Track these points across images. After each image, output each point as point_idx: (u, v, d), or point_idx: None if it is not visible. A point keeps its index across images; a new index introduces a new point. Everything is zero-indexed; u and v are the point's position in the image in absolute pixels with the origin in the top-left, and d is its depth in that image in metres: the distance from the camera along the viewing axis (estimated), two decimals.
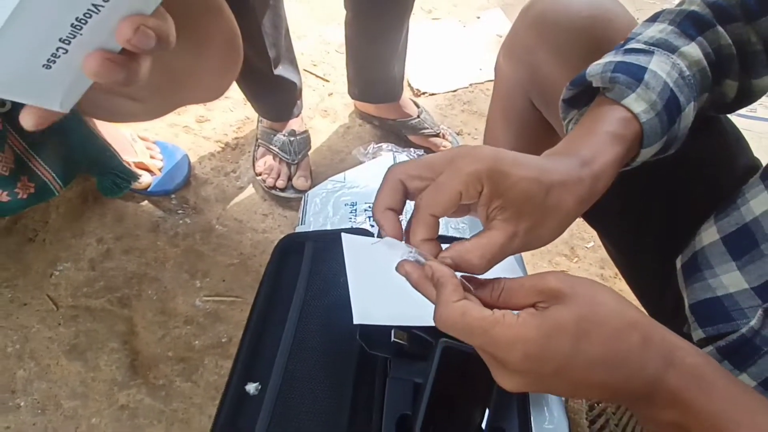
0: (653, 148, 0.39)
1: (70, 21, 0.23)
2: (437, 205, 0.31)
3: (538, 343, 0.27)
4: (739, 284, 0.42)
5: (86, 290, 0.82)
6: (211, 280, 0.88)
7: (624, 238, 0.59)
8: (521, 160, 0.33)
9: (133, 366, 0.75)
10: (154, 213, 0.95)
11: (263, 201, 1.02)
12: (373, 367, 0.45)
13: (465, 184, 0.31)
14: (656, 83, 0.38)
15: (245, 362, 0.49)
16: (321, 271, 0.53)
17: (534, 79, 0.58)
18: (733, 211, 0.44)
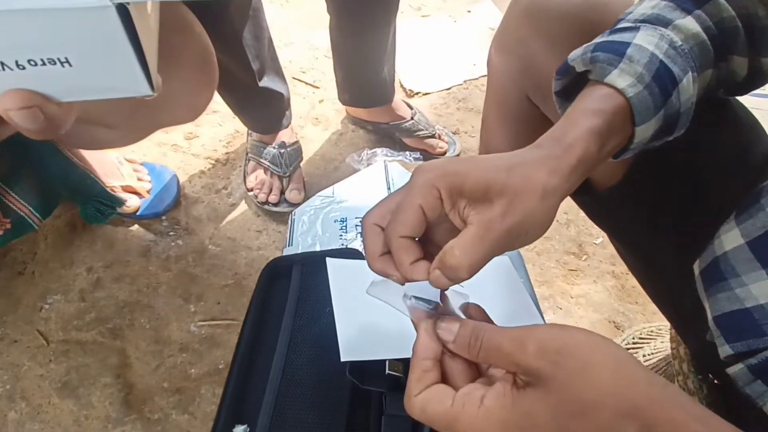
0: (650, 125, 0.35)
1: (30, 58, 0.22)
2: (403, 225, 0.30)
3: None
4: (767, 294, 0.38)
5: (77, 323, 0.79)
6: (206, 304, 0.85)
7: (635, 240, 0.55)
8: (475, 157, 0.31)
9: (127, 401, 0.72)
10: (144, 237, 0.92)
11: (256, 217, 0.99)
12: (367, 404, 0.42)
13: (422, 196, 0.30)
14: (641, 56, 0.34)
15: (232, 402, 0.45)
16: (310, 298, 0.50)
17: (529, 72, 0.54)
18: (757, 212, 0.39)
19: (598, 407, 0.23)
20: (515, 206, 0.30)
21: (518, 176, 0.30)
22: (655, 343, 0.78)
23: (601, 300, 0.92)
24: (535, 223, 0.31)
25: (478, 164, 0.30)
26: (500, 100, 0.65)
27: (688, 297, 0.48)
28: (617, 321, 0.89)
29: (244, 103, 0.94)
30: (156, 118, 0.62)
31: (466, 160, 0.31)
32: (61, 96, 0.25)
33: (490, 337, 0.27)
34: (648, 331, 0.82)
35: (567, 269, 0.98)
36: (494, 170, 0.30)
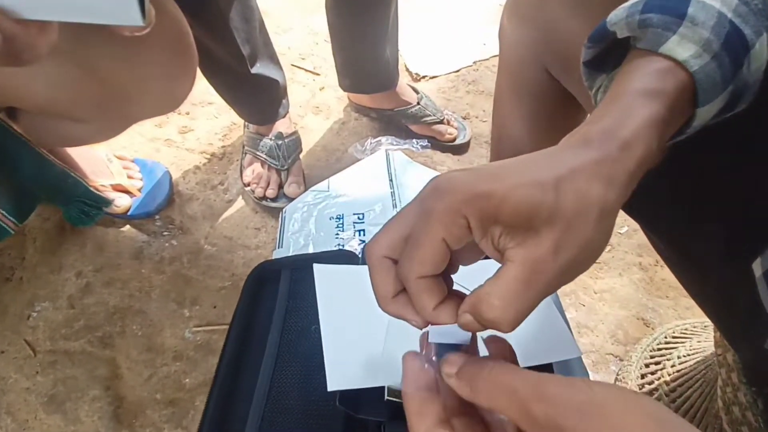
0: (715, 104, 0.27)
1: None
2: (421, 264, 0.24)
3: None
4: None
5: (65, 332, 0.74)
6: (202, 308, 0.80)
7: (676, 232, 0.47)
8: (503, 167, 0.24)
9: (117, 415, 0.68)
10: (137, 238, 0.87)
11: (254, 213, 0.93)
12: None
13: (444, 226, 0.23)
14: (706, 16, 0.26)
15: (212, 427, 0.40)
16: (299, 308, 0.44)
17: (548, 41, 0.47)
18: None
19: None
20: (570, 236, 0.23)
21: (570, 195, 0.23)
22: (690, 342, 0.71)
23: (628, 295, 0.85)
24: (593, 251, 0.24)
25: (514, 179, 0.23)
26: (515, 76, 0.57)
27: (742, 299, 0.41)
28: (646, 318, 0.82)
29: (236, 92, 0.88)
30: (130, 109, 0.56)
31: (497, 174, 0.23)
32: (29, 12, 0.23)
33: (499, 376, 0.21)
34: (682, 329, 0.75)
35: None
36: (538, 189, 0.23)
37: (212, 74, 0.83)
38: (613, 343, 0.79)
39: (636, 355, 0.72)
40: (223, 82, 0.85)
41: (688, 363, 0.66)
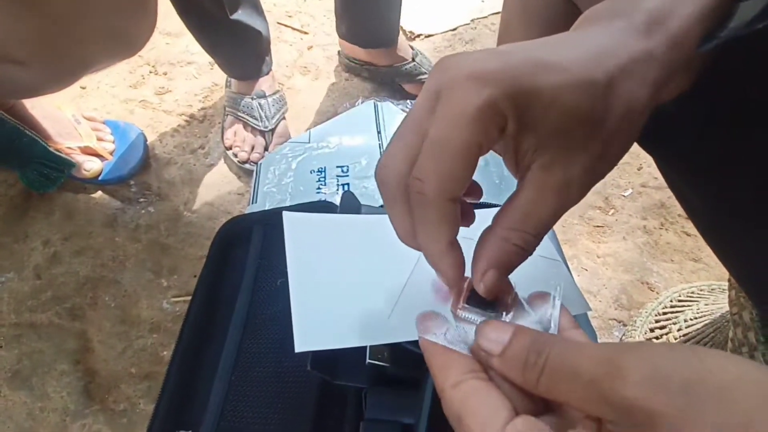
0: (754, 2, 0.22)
1: None
2: (455, 181, 0.18)
3: None
4: None
5: (31, 303, 0.69)
6: (180, 277, 0.75)
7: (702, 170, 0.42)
8: (552, 57, 0.19)
9: (88, 390, 0.63)
10: (109, 205, 0.81)
11: (237, 179, 0.87)
12: (341, 403, 0.31)
13: (483, 127, 0.18)
14: None
15: (172, 403, 0.35)
16: (272, 266, 0.39)
17: None
18: None
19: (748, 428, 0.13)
20: (609, 151, 0.19)
21: (621, 101, 0.19)
22: (698, 305, 0.67)
23: (632, 258, 0.80)
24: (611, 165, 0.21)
25: (565, 75, 0.18)
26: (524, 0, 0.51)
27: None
28: (651, 282, 0.77)
29: (214, 39, 0.81)
30: (80, 51, 0.50)
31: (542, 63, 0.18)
32: None
33: (560, 353, 0.16)
34: (688, 293, 0.71)
35: (592, 226, 0.85)
36: (591, 91, 0.18)
37: (187, 15, 0.76)
38: (616, 308, 0.75)
39: (641, 319, 0.68)
40: (197, 25, 0.78)
41: (696, 326, 0.62)
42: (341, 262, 0.30)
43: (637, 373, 0.14)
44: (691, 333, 0.63)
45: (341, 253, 0.31)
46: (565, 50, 0.19)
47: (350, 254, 0.30)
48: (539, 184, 0.19)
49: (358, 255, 0.30)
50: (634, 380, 0.14)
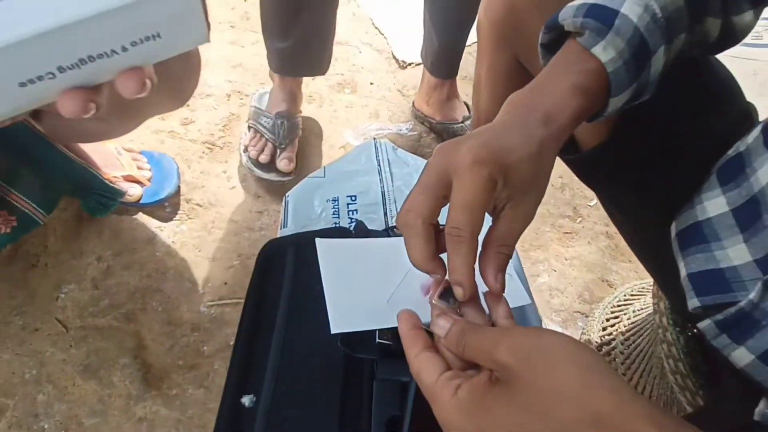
0: (622, 97, 0.36)
1: (82, 55, 0.24)
2: (479, 221, 0.31)
3: (467, 429, 0.26)
4: (744, 257, 0.40)
5: (92, 310, 0.83)
6: (213, 285, 0.89)
7: (621, 198, 0.57)
8: (509, 143, 0.32)
9: (146, 379, 0.77)
10: (149, 224, 0.95)
11: (256, 199, 1.01)
12: (360, 370, 0.45)
13: (486, 190, 0.30)
14: (626, 28, 0.35)
15: (238, 375, 0.49)
16: (304, 276, 0.53)
17: (518, 34, 0.55)
18: (743, 181, 0.41)
19: (560, 409, 0.24)
20: (541, 191, 0.33)
21: (543, 166, 0.33)
22: (645, 299, 0.81)
23: (595, 260, 0.95)
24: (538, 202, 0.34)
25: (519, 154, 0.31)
26: (491, 64, 0.65)
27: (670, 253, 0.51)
28: (610, 279, 0.92)
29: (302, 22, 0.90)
30: (144, 108, 0.64)
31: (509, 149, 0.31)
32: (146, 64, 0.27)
33: (473, 336, 0.29)
34: (639, 288, 0.85)
35: (562, 232, 1.00)
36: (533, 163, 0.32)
37: None
38: (580, 302, 0.89)
39: (599, 311, 0.82)
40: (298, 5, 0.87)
41: (641, 316, 0.77)
42: (359, 271, 0.44)
43: (505, 345, 0.27)
44: (637, 321, 0.77)
45: (358, 265, 0.45)
46: (513, 138, 0.33)
47: (365, 266, 0.44)
48: (511, 217, 0.32)
49: (370, 266, 0.44)
50: (504, 350, 0.27)
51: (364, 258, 0.46)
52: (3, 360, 0.78)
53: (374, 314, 0.42)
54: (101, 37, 0.24)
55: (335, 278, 0.44)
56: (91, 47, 0.24)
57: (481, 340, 0.29)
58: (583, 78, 0.35)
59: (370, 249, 0.45)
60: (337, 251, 0.46)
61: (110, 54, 0.25)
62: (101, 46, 0.24)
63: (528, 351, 0.26)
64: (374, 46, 1.33)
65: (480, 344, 0.28)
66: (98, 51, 0.24)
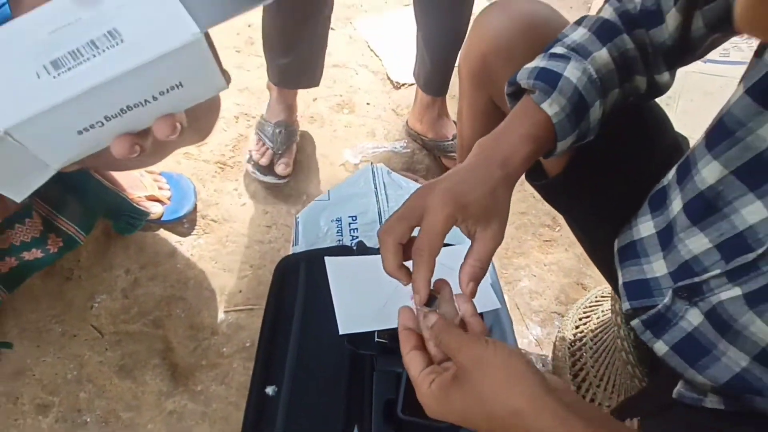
0: (567, 141, 0.47)
1: (122, 105, 0.30)
2: (438, 245, 0.41)
3: (437, 411, 0.36)
4: (662, 270, 0.51)
5: (123, 317, 0.94)
6: (230, 293, 0.99)
7: (578, 216, 0.68)
8: (468, 187, 0.43)
9: (174, 377, 0.88)
10: (170, 239, 1.06)
11: (264, 214, 1.12)
12: (362, 364, 0.55)
13: (446, 225, 0.41)
14: (568, 88, 0.46)
15: (263, 370, 0.59)
16: (314, 287, 0.63)
17: (491, 82, 0.66)
18: (664, 210, 0.52)
19: (491, 403, 0.33)
20: (502, 219, 0.44)
21: (499, 200, 0.43)
22: (613, 301, 0.91)
23: (571, 266, 1.05)
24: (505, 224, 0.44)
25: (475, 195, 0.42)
26: (470, 104, 0.77)
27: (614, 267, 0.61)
28: (584, 283, 1.02)
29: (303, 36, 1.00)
30: (173, 145, 0.75)
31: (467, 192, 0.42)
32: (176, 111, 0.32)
33: (447, 338, 0.39)
34: (609, 291, 0.96)
35: (542, 240, 1.10)
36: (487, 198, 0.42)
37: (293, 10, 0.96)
38: (557, 304, 1.00)
39: (572, 312, 0.93)
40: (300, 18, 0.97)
41: (608, 315, 0.87)
42: (361, 283, 0.54)
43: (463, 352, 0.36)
44: (605, 320, 0.87)
45: (360, 278, 0.55)
46: (474, 179, 0.43)
47: (365, 279, 0.55)
48: (482, 238, 0.42)
49: (370, 279, 0.55)
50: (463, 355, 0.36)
51: (364, 272, 0.56)
52: (47, 363, 0.89)
53: (373, 318, 0.53)
54: (134, 90, 0.29)
55: (341, 289, 0.54)
56: (127, 98, 0.30)
57: (450, 342, 0.39)
58: (535, 128, 0.46)
59: (370, 264, 0.55)
60: (342, 267, 0.57)
61: (144, 103, 0.30)
62: (135, 97, 0.30)
63: (478, 358, 0.35)
64: (370, 67, 1.43)
65: (449, 345, 0.39)
66: (134, 101, 0.30)
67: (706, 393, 0.47)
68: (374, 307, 0.52)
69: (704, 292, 0.45)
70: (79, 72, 0.28)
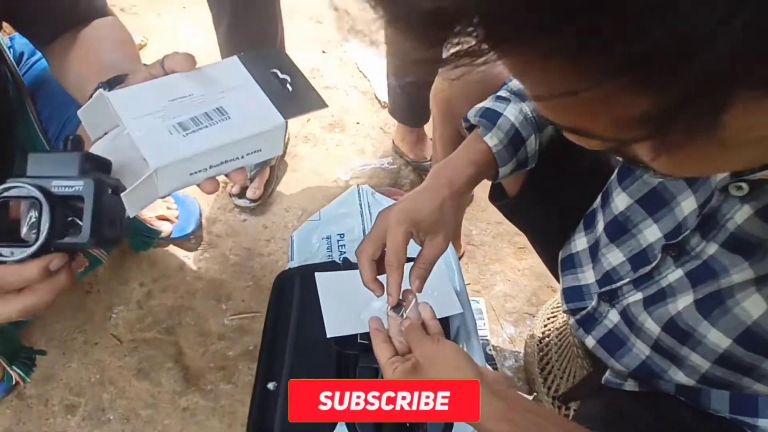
0: (507, 168, 0.59)
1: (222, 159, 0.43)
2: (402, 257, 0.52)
3: None
4: (591, 278, 0.61)
5: (139, 326, 1.04)
6: (234, 302, 1.10)
7: (533, 230, 0.79)
8: (419, 205, 0.54)
9: (186, 378, 0.98)
10: (179, 254, 1.16)
11: (264, 229, 1.23)
12: (347, 362, 0.66)
13: (404, 239, 0.52)
14: (505, 125, 0.57)
15: (265, 367, 0.70)
16: (307, 298, 0.74)
17: (456, 118, 0.78)
18: (594, 228, 0.63)
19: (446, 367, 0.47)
20: (448, 230, 0.54)
21: (445, 214, 0.54)
22: None
23: (542, 270, 1.15)
24: (451, 235, 0.55)
25: (425, 212, 0.52)
26: (441, 133, 0.89)
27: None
28: (554, 286, 1.13)
29: None
30: None
31: (419, 209, 0.52)
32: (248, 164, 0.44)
33: (409, 336, 0.51)
34: None
35: (517, 247, 1.21)
36: (435, 214, 0.53)
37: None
38: (528, 305, 1.11)
39: (541, 312, 1.04)
40: None
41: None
42: (345, 294, 0.65)
43: (420, 350, 0.48)
44: (566, 319, 0.98)
45: (345, 290, 0.66)
46: (424, 199, 0.54)
47: (349, 290, 0.66)
48: (429, 246, 0.53)
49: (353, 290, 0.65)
50: (420, 352, 0.48)
51: (348, 284, 0.67)
52: (72, 368, 0.99)
53: (356, 323, 0.64)
54: (232, 151, 0.42)
55: (329, 299, 0.65)
56: (226, 156, 0.42)
57: (412, 341, 0.50)
58: (478, 156, 0.58)
59: (353, 278, 0.66)
60: (330, 280, 0.68)
61: (234, 159, 0.43)
62: (231, 155, 0.42)
63: (431, 353, 0.47)
64: (359, 88, 1.54)
65: (411, 342, 0.50)
66: (229, 158, 0.42)
67: (626, 378, 0.58)
68: (357, 313, 0.63)
69: (619, 296, 0.56)
70: (202, 134, 0.41)
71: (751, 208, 0.40)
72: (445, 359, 0.46)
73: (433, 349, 0.47)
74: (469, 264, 1.18)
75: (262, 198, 1.23)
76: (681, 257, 0.48)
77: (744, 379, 0.45)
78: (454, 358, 0.46)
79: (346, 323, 0.63)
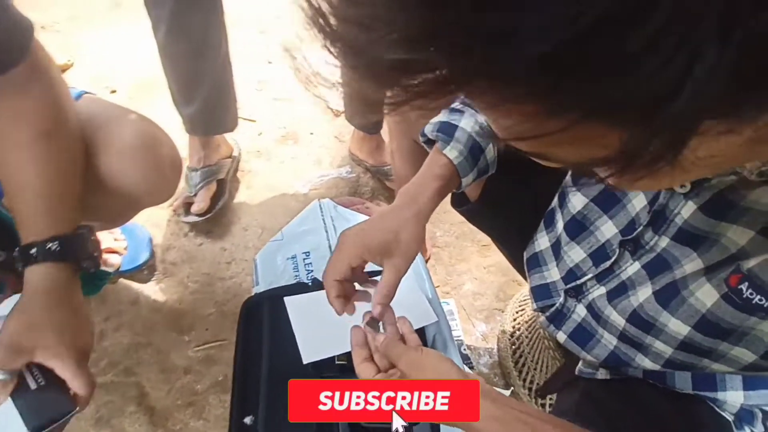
0: (469, 177, 0.59)
1: None
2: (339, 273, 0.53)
3: None
4: (556, 275, 0.63)
5: (94, 370, 0.96)
6: (197, 332, 1.04)
7: (496, 232, 0.80)
8: (374, 231, 0.53)
9: (152, 421, 0.92)
10: (131, 288, 1.09)
11: (223, 251, 1.17)
12: None
13: (354, 261, 0.52)
14: (462, 136, 0.57)
15: (239, 401, 0.67)
16: (278, 323, 0.71)
17: (412, 129, 0.77)
18: (554, 227, 0.64)
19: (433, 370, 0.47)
20: (406, 253, 0.53)
21: (402, 237, 0.53)
22: None
23: (508, 265, 1.17)
24: (414, 252, 0.54)
25: (378, 238, 0.52)
26: (398, 145, 0.89)
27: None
28: (519, 280, 1.15)
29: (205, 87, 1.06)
30: (137, 209, 0.80)
31: (373, 236, 0.52)
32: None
33: (391, 350, 0.50)
34: None
35: (480, 245, 1.23)
36: (389, 237, 0.52)
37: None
38: (497, 301, 1.12)
39: (510, 307, 1.06)
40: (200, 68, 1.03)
41: None
42: (318, 316, 0.63)
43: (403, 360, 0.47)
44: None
45: (317, 311, 0.64)
46: (384, 223, 0.53)
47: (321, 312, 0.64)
48: (386, 271, 0.52)
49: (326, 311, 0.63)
50: (403, 363, 0.48)
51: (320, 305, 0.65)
52: None
53: (331, 344, 0.62)
54: None
55: (301, 323, 0.63)
56: None
57: (392, 354, 0.49)
58: (441, 169, 0.57)
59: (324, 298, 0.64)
60: (300, 303, 0.65)
61: None
62: None
63: (415, 362, 0.47)
64: (310, 98, 1.51)
65: (392, 355, 0.49)
66: None
67: (598, 368, 0.60)
68: (332, 334, 0.61)
69: (584, 292, 0.57)
70: None
71: (695, 204, 0.43)
72: (432, 366, 0.46)
73: (418, 357, 0.47)
74: (436, 266, 1.18)
75: (210, 211, 1.17)
76: (637, 251, 0.50)
77: (703, 361, 0.48)
78: (441, 364, 0.46)
79: (321, 346, 0.61)
